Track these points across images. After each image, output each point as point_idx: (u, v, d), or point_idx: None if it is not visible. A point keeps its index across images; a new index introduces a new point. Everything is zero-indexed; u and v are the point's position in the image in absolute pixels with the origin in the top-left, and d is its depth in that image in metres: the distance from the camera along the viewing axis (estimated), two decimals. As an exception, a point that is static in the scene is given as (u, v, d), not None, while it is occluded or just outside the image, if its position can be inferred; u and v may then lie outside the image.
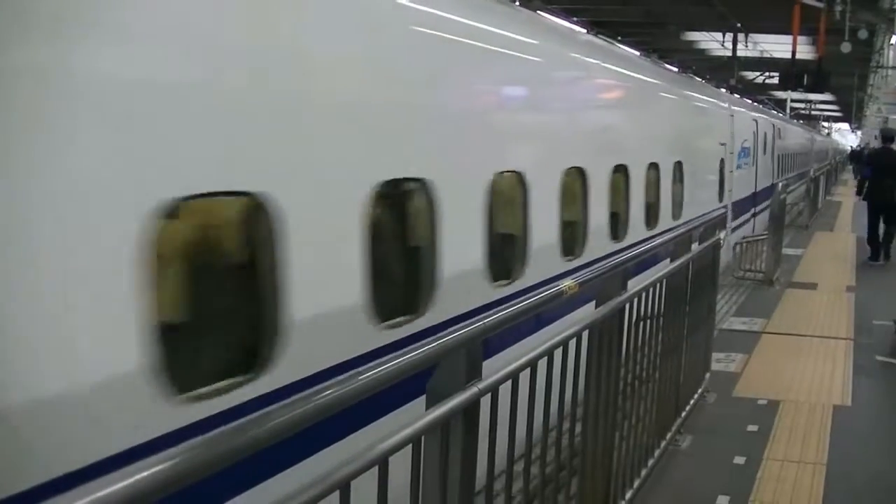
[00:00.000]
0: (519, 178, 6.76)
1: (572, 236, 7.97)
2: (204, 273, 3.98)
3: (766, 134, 21.44)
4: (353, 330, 4.61)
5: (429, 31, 5.71)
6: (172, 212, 3.50)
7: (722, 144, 15.46)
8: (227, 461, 1.93)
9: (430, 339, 2.77)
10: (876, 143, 20.21)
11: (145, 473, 1.72)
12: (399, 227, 5.41)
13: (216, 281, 4.12)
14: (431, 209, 5.40)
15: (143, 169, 3.41)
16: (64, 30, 3.18)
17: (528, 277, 6.67)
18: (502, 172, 6.50)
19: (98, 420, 3.20)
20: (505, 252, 6.69)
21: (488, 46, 6.59)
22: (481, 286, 6.06)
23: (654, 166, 10.66)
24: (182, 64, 3.66)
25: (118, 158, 3.32)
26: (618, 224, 9.20)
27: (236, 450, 1.97)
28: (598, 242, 8.34)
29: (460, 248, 5.80)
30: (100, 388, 3.19)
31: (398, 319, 5.09)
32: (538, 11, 8.80)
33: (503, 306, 3.27)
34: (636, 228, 9.69)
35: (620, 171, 9.22)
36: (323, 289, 4.43)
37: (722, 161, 15.40)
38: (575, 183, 7.94)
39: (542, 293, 3.57)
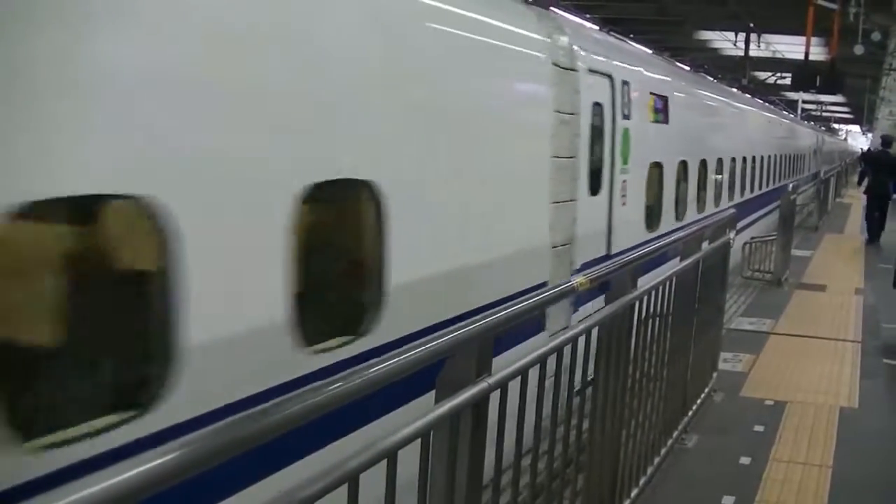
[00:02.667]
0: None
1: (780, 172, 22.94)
2: None
3: (819, 143, 41.24)
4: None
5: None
6: None
7: (809, 147, 35.17)
8: (239, 449, 1.94)
9: (440, 332, 2.78)
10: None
11: (155, 462, 1.73)
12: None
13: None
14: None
15: None
16: None
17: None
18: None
19: None
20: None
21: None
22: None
23: (799, 157, 29.80)
24: None
25: None
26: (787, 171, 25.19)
27: (249, 438, 1.97)
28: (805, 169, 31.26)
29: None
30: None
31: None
32: (551, 8, 8.72)
33: (512, 302, 3.27)
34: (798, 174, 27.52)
35: (793, 157, 27.67)
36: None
37: (808, 156, 34.17)
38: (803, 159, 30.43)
39: (552, 289, 3.57)
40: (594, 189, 8.33)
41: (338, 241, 4.92)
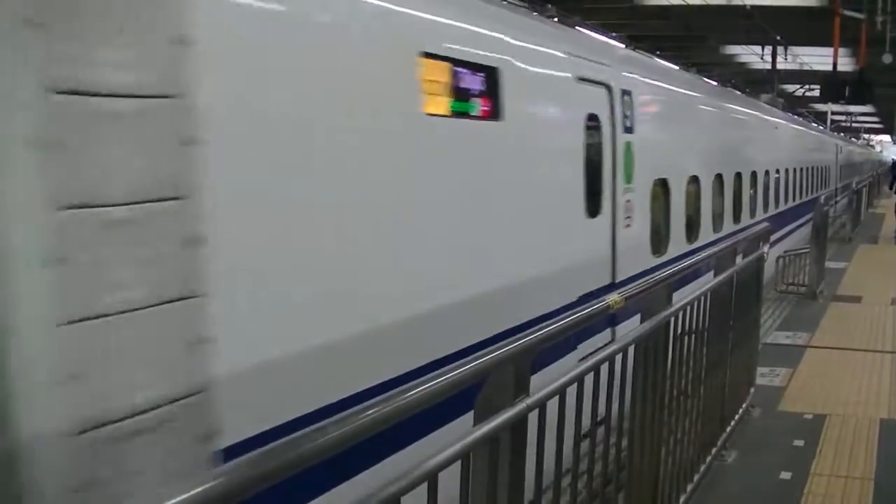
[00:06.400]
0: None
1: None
2: None
3: (866, 155, 61.79)
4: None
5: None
6: None
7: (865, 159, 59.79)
8: (284, 475, 1.96)
9: (478, 353, 2.79)
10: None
11: (197, 490, 1.76)
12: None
13: None
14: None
15: None
16: None
17: None
18: None
19: None
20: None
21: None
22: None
23: (862, 162, 54.62)
24: None
25: None
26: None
27: (292, 464, 1.99)
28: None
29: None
30: None
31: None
32: (577, 27, 8.82)
33: (550, 321, 3.28)
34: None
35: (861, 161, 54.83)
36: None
37: (865, 162, 57.26)
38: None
39: (586, 309, 3.58)
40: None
41: None
